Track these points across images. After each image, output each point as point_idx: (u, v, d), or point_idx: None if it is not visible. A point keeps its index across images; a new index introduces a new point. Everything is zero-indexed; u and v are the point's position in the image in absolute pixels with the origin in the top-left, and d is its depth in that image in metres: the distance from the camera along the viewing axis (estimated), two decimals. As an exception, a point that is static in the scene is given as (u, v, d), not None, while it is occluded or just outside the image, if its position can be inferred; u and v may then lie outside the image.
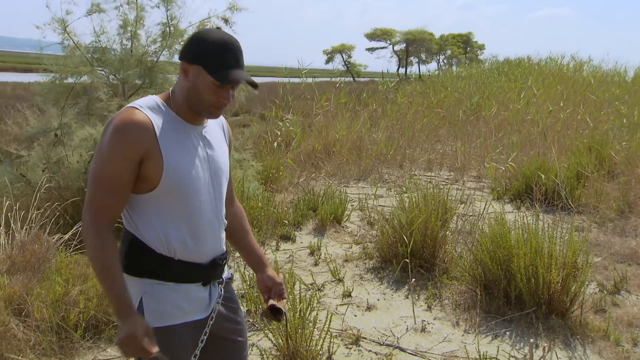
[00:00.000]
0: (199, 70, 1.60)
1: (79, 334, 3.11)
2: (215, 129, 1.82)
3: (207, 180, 1.71)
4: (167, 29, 5.98)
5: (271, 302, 1.85)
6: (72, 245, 3.94)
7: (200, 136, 1.71)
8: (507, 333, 3.49)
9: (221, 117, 1.90)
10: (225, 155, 1.83)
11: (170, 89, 1.71)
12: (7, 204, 4.08)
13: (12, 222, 3.79)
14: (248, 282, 3.82)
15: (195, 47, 1.61)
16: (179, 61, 1.64)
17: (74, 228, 3.96)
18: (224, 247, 1.84)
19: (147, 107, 1.62)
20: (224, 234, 1.83)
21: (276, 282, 1.92)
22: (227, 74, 1.59)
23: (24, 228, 3.76)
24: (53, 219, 4.11)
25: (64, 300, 3.15)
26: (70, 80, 5.74)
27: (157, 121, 1.60)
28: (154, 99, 1.66)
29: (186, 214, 1.65)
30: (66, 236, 3.93)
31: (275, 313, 1.83)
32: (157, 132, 1.59)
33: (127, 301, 1.54)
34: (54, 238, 3.82)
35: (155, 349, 1.52)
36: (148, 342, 1.51)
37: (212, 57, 1.59)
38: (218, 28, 1.66)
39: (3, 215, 3.84)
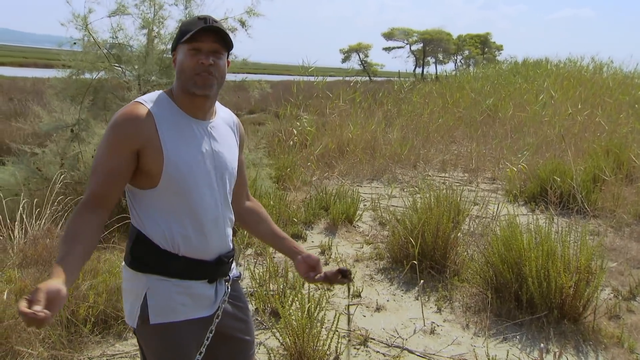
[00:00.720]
0: (179, 49, 1.67)
1: (88, 328, 3.13)
2: (224, 126, 1.81)
3: (211, 176, 1.70)
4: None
5: (336, 268, 1.85)
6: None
7: (205, 131, 1.71)
8: (518, 337, 3.45)
9: (233, 117, 1.89)
10: (233, 152, 1.82)
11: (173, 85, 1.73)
12: (24, 201, 4.12)
13: (24, 216, 3.83)
14: (257, 280, 3.82)
15: (176, 34, 1.69)
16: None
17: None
18: (231, 245, 1.83)
19: (150, 101, 1.64)
20: (230, 231, 1.82)
21: (316, 258, 1.92)
22: (194, 31, 1.62)
23: (38, 223, 3.80)
24: (66, 214, 4.14)
25: (74, 294, 3.17)
26: (87, 76, 5.80)
27: (159, 115, 1.61)
28: (159, 94, 1.68)
29: (189, 209, 1.64)
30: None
31: (345, 274, 1.83)
32: (158, 126, 1.59)
33: (58, 268, 1.39)
34: (66, 233, 3.85)
35: (22, 306, 1.21)
36: (28, 299, 1.25)
37: (184, 29, 1.65)
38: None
39: (19, 210, 3.88)
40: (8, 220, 3.87)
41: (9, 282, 3.17)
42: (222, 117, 1.83)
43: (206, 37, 1.63)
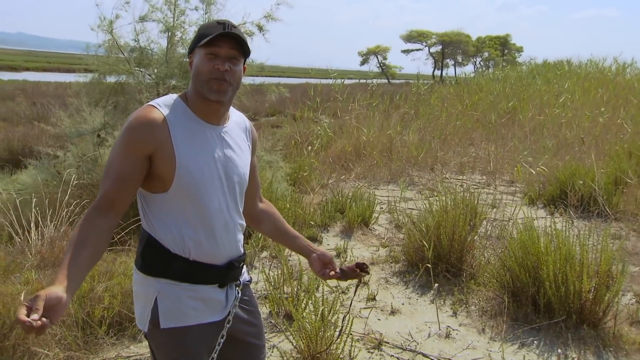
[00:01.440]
0: (196, 52, 1.66)
1: (103, 330, 3.16)
2: (236, 131, 1.81)
3: (222, 181, 1.70)
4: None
5: (353, 263, 1.86)
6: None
7: (218, 136, 1.71)
8: (535, 342, 3.39)
9: (246, 120, 1.89)
10: (245, 158, 1.81)
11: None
12: (35, 202, 4.18)
13: (40, 218, 3.88)
14: (272, 283, 3.81)
15: (194, 38, 1.69)
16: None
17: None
18: (242, 249, 1.82)
19: (164, 104, 1.64)
20: (241, 236, 1.82)
21: (330, 255, 1.92)
22: (212, 36, 1.62)
23: (54, 225, 3.85)
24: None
25: (89, 296, 3.20)
26: (109, 79, 5.88)
27: (172, 119, 1.61)
28: (172, 98, 1.68)
29: (200, 213, 1.64)
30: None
31: (363, 268, 1.84)
32: (171, 130, 1.59)
33: (62, 273, 1.38)
34: (83, 235, 3.89)
35: (20, 314, 1.21)
36: (26, 306, 1.24)
37: (202, 33, 1.65)
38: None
39: (33, 212, 3.93)
40: (24, 222, 3.92)
41: (26, 283, 3.21)
42: (235, 121, 1.82)
43: (224, 43, 1.62)
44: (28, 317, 1.20)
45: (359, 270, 1.83)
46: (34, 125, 12.09)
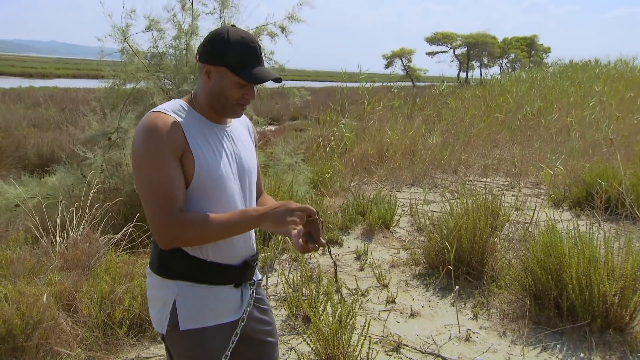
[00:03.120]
0: (223, 71, 1.62)
1: (123, 331, 3.20)
2: (240, 128, 1.84)
3: (236, 177, 1.73)
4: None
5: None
6: (122, 245, 4.07)
7: (227, 135, 1.73)
8: (558, 346, 3.32)
9: (244, 117, 1.91)
10: (252, 153, 1.84)
11: (192, 92, 1.73)
12: (61, 204, 4.26)
13: (67, 221, 3.95)
14: (291, 285, 3.82)
15: (216, 49, 1.61)
16: (199, 63, 1.65)
17: (125, 228, 4.10)
18: (255, 248, 1.84)
19: (172, 109, 1.64)
20: (253, 235, 1.84)
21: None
22: (253, 73, 1.61)
23: (79, 227, 3.92)
24: (105, 219, 4.26)
25: (110, 298, 3.25)
26: (129, 86, 5.95)
27: (183, 122, 1.62)
28: (178, 102, 1.69)
29: (217, 211, 1.65)
30: (117, 236, 4.07)
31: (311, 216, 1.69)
32: (186, 132, 1.61)
33: (248, 210, 1.62)
34: (105, 238, 3.96)
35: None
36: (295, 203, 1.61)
37: (236, 57, 1.60)
38: (233, 26, 1.66)
39: (58, 215, 4.01)
40: (50, 225, 4.01)
41: (50, 284, 3.27)
42: (238, 119, 1.85)
43: (261, 77, 1.63)
44: None
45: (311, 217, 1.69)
46: (62, 131, 12.37)
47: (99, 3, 5.82)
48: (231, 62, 1.60)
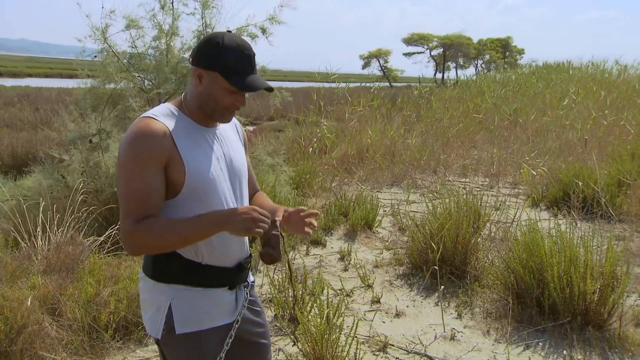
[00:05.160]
0: (215, 76, 1.62)
1: (109, 334, 3.17)
2: (229, 130, 1.85)
3: (227, 179, 1.73)
4: (202, 36, 6.05)
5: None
6: (106, 248, 4.03)
7: (216, 137, 1.74)
8: (540, 344, 3.39)
9: (234, 119, 1.92)
10: (241, 154, 1.85)
11: (182, 94, 1.73)
12: (42, 206, 4.20)
13: (47, 224, 3.89)
14: (276, 286, 3.82)
15: (210, 53, 1.62)
16: (192, 66, 1.65)
17: (108, 231, 4.06)
18: (248, 250, 1.85)
19: (161, 114, 1.64)
20: (247, 237, 1.84)
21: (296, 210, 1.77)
22: (246, 81, 1.62)
23: (60, 230, 3.86)
24: (89, 222, 4.21)
25: (96, 301, 3.22)
26: (108, 86, 5.87)
27: (173, 127, 1.62)
28: (167, 106, 1.69)
29: None
30: (101, 238, 4.02)
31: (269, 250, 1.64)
32: (175, 138, 1.61)
33: (210, 213, 1.59)
34: (88, 240, 3.92)
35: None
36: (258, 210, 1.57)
37: (229, 63, 1.60)
38: (229, 31, 1.67)
39: (40, 218, 3.95)
40: (31, 228, 3.94)
41: (33, 288, 3.22)
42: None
43: (253, 86, 1.63)
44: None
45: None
46: (37, 131, 12.16)
47: (76, 4, 5.74)
48: (223, 68, 1.60)
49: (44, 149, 9.01)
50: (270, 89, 1.67)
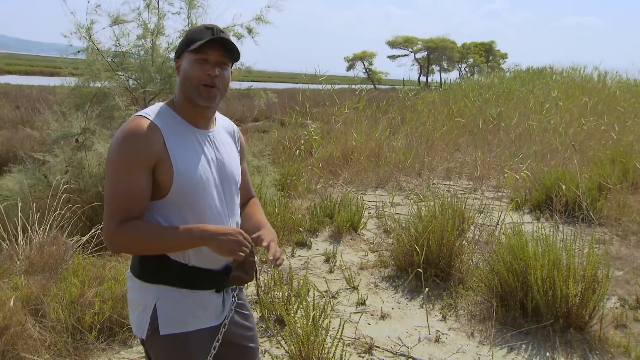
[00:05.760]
0: (184, 56, 1.67)
1: (93, 335, 3.14)
2: (224, 135, 1.84)
3: (217, 183, 1.72)
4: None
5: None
6: (90, 248, 3.99)
7: (208, 140, 1.74)
8: (523, 346, 3.43)
9: (232, 124, 1.91)
10: (235, 159, 1.84)
11: (175, 94, 1.74)
12: (21, 207, 4.14)
13: (28, 224, 3.84)
14: (262, 288, 3.82)
15: (180, 42, 1.69)
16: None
17: (92, 230, 4.02)
18: None
19: (153, 113, 1.65)
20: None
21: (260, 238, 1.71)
22: (202, 41, 1.63)
23: (43, 230, 3.81)
24: (72, 222, 4.16)
25: (80, 301, 3.19)
26: (93, 85, 5.81)
27: (164, 127, 1.62)
28: (160, 106, 1.69)
29: (198, 218, 1.65)
30: (84, 238, 3.98)
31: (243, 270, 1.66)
32: (166, 138, 1.61)
33: (195, 227, 1.58)
34: (72, 240, 3.87)
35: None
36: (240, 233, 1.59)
37: (191, 38, 1.66)
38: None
39: (19, 217, 3.89)
40: (11, 228, 3.89)
41: (15, 289, 3.18)
42: (222, 125, 1.86)
43: (214, 49, 1.64)
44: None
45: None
46: (17, 130, 11.96)
47: (61, 0, 5.66)
48: (187, 44, 1.65)
49: (25, 147, 8.89)
50: (231, 45, 1.65)
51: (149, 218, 1.64)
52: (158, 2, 6.02)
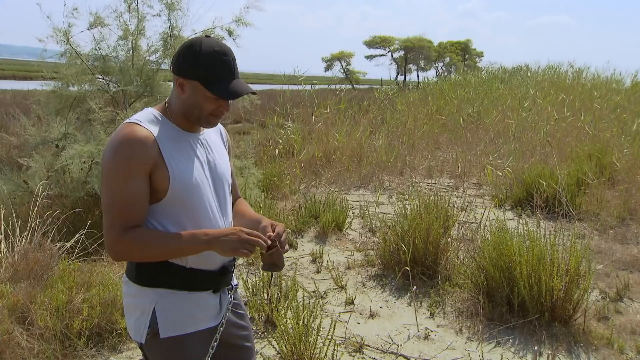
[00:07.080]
0: (196, 85, 1.61)
1: (82, 342, 3.11)
2: (213, 136, 1.85)
3: (211, 186, 1.73)
4: (169, 38, 5.99)
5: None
6: (75, 253, 3.94)
7: (200, 142, 1.74)
8: (510, 340, 3.49)
9: (219, 124, 1.92)
10: (225, 160, 1.86)
11: (166, 100, 1.73)
12: (2, 212, 4.07)
13: (9, 231, 3.77)
14: (251, 290, 3.81)
15: (189, 61, 1.60)
16: (173, 74, 1.65)
17: (77, 235, 3.97)
18: None
19: (146, 120, 1.63)
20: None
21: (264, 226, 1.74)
22: (228, 89, 1.61)
23: (26, 236, 3.75)
24: (55, 227, 4.10)
25: (68, 308, 3.15)
26: (72, 89, 5.72)
27: (157, 133, 1.62)
28: (151, 112, 1.68)
29: (194, 220, 1.66)
30: (69, 244, 3.93)
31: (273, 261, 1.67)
32: (160, 144, 1.61)
33: (197, 232, 1.59)
34: (56, 246, 3.82)
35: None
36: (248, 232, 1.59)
37: (209, 72, 1.59)
38: (207, 36, 1.66)
39: (1, 224, 3.81)
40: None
41: (1, 297, 3.13)
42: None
43: (235, 92, 1.63)
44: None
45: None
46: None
47: (36, 4, 5.57)
48: (203, 77, 1.59)
49: (0, 154, 8.71)
50: (253, 93, 1.68)
51: (148, 222, 1.64)
52: (137, 5, 5.96)
